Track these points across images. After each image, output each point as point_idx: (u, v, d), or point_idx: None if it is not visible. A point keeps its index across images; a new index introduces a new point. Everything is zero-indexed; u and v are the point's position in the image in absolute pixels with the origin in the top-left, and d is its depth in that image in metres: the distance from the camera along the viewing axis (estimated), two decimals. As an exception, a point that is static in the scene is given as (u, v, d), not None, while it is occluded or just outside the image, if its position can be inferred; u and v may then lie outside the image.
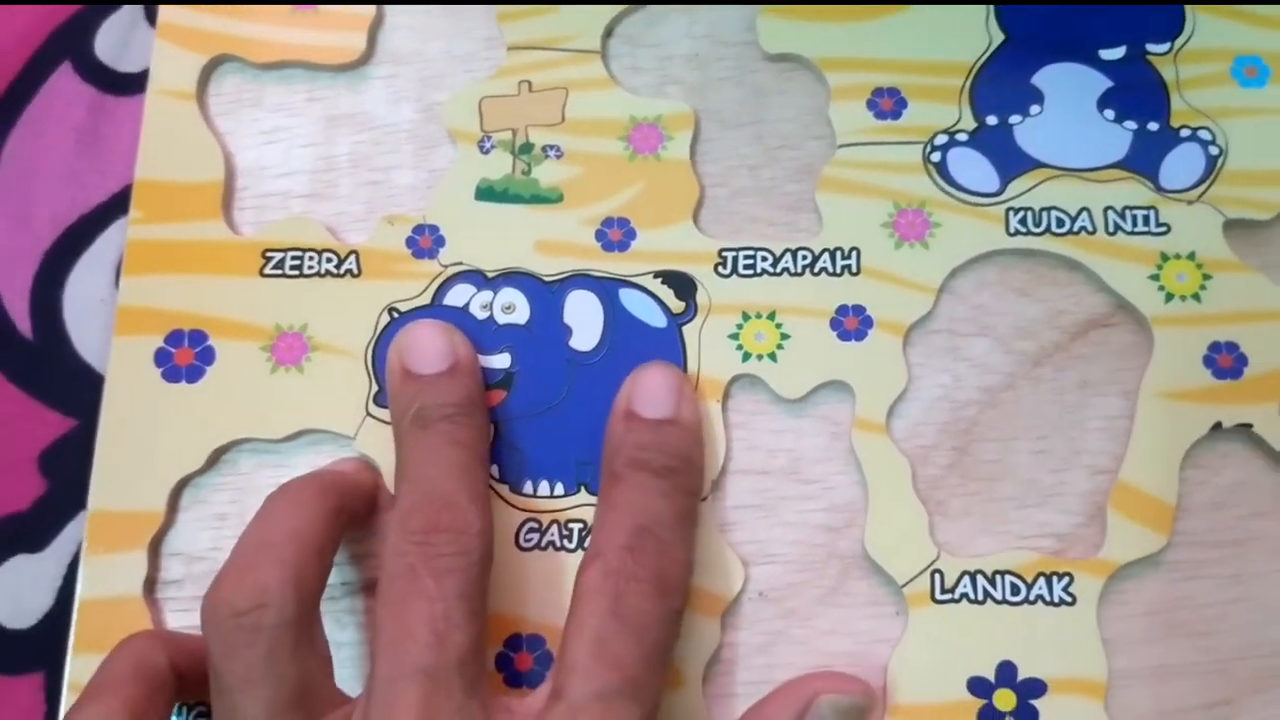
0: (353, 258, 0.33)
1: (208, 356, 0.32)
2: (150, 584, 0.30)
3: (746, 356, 0.31)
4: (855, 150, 0.33)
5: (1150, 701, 0.29)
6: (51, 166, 0.35)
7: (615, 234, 0.33)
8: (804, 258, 0.32)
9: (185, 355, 0.32)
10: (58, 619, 0.31)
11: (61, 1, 0.37)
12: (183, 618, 0.30)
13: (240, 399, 0.32)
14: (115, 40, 0.36)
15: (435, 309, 0.32)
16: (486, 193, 0.33)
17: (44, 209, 0.35)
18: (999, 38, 0.34)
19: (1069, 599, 0.29)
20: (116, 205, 0.34)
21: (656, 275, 0.32)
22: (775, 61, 0.35)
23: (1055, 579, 0.29)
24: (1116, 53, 0.33)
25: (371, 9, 0.35)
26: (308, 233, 0.33)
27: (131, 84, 0.36)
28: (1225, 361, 0.30)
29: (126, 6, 0.37)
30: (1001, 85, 0.33)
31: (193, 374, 0.32)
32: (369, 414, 0.31)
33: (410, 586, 0.26)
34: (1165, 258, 0.32)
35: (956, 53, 0.34)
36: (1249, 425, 0.30)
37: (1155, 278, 0.31)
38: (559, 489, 0.31)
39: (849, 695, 0.27)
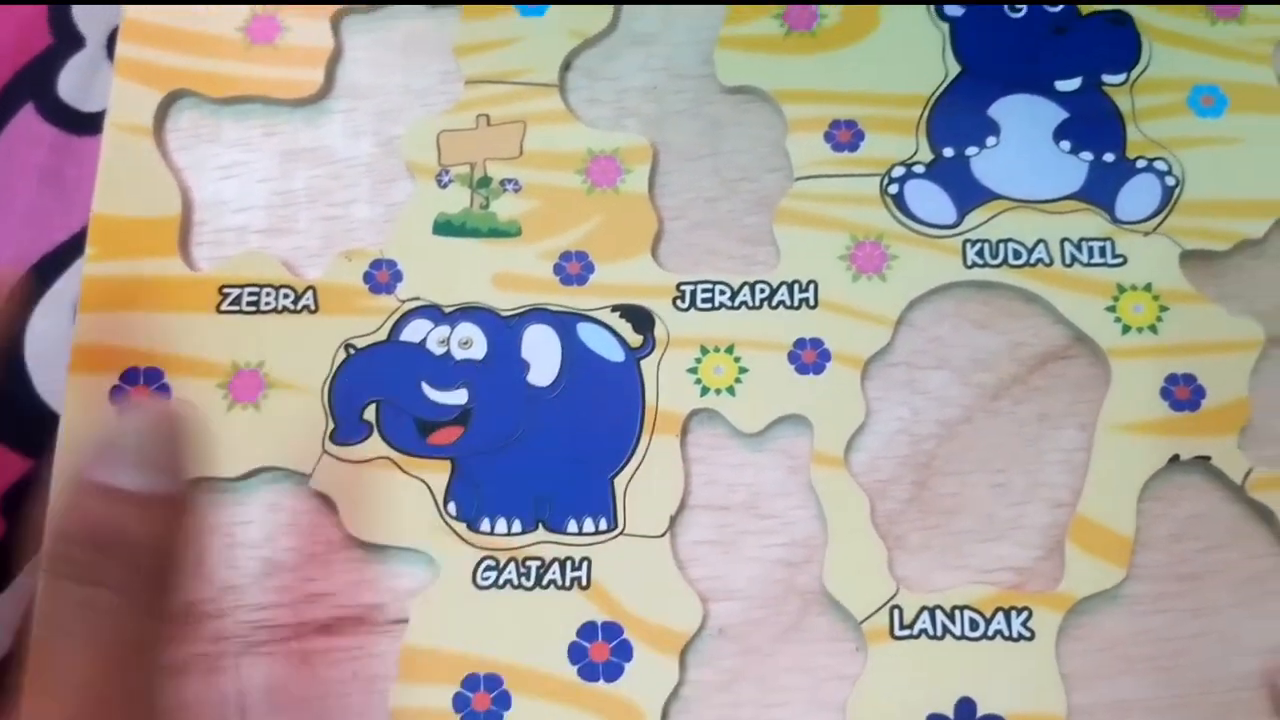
0: (310, 293, 0.33)
1: (164, 394, 0.32)
2: (105, 625, 0.30)
3: (705, 390, 0.31)
4: (813, 183, 0.33)
5: (1110, 736, 0.29)
6: (14, 206, 0.35)
7: (573, 267, 0.33)
8: (762, 291, 0.32)
9: (141, 393, 0.32)
10: (17, 661, 0.31)
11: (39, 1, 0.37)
12: (138, 659, 0.30)
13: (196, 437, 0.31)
14: (78, 80, 0.36)
15: (392, 344, 0.32)
16: (444, 227, 0.33)
17: (6, 249, 0.35)
18: (955, 69, 0.34)
19: (1028, 634, 0.29)
20: (78, 245, 0.34)
21: (614, 309, 0.32)
22: (732, 94, 0.35)
23: (1014, 614, 0.29)
24: (1072, 84, 0.34)
25: (330, 43, 0.35)
26: (264, 268, 0.33)
27: (94, 123, 0.35)
28: (1182, 393, 0.30)
29: (89, 46, 0.37)
30: (958, 117, 0.33)
31: (148, 412, 0.31)
32: (326, 452, 0.31)
33: None
34: (1122, 289, 0.32)
35: (913, 84, 0.34)
36: (1207, 458, 0.30)
37: (1112, 309, 0.31)
38: (516, 526, 0.30)
39: None
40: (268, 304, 0.33)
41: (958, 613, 0.29)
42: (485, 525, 0.30)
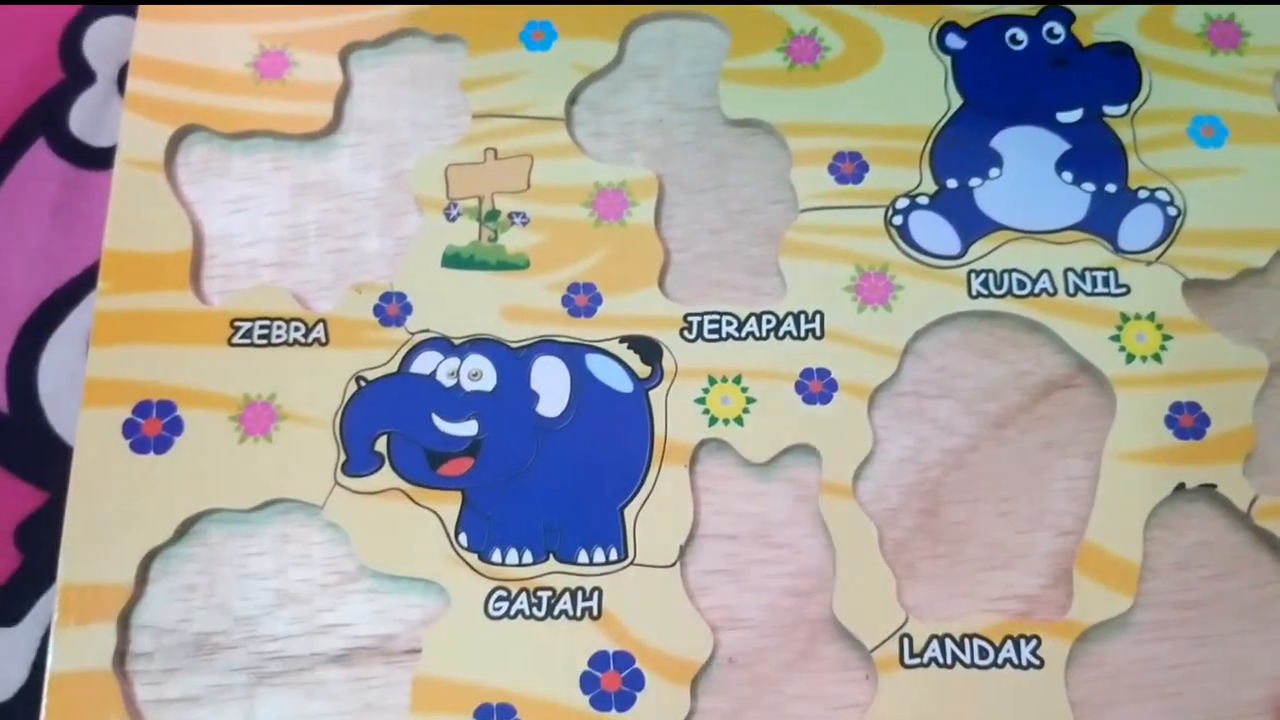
0: (320, 326, 0.33)
1: (176, 427, 0.32)
2: (121, 657, 0.30)
3: (713, 421, 0.32)
4: (817, 214, 0.33)
5: (1119, 764, 0.29)
6: (26, 242, 0.35)
7: (581, 299, 0.33)
8: (768, 321, 0.33)
9: (154, 426, 0.32)
10: (32, 693, 0.31)
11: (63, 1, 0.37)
12: (153, 690, 0.30)
13: (209, 469, 0.32)
14: (89, 116, 0.37)
15: (403, 376, 0.32)
16: (453, 260, 0.34)
17: (19, 284, 0.35)
18: (958, 101, 0.34)
19: (1037, 662, 0.29)
20: (90, 279, 0.35)
21: (622, 340, 0.33)
22: (737, 126, 0.35)
23: (1023, 641, 0.29)
24: (1074, 115, 0.34)
25: (338, 78, 0.36)
26: (276, 301, 0.33)
27: (105, 158, 0.36)
28: (1187, 421, 0.31)
29: (100, 82, 0.37)
30: (961, 149, 0.34)
31: (161, 445, 0.32)
32: (338, 483, 0.31)
33: None
34: (1125, 318, 0.32)
35: (916, 116, 0.34)
36: (1213, 485, 0.30)
37: (1116, 338, 0.32)
38: (527, 556, 0.31)
39: None
40: (279, 337, 0.33)
41: (967, 641, 0.29)
42: (496, 556, 0.31)
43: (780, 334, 0.32)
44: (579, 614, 0.30)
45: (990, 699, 0.29)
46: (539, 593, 0.30)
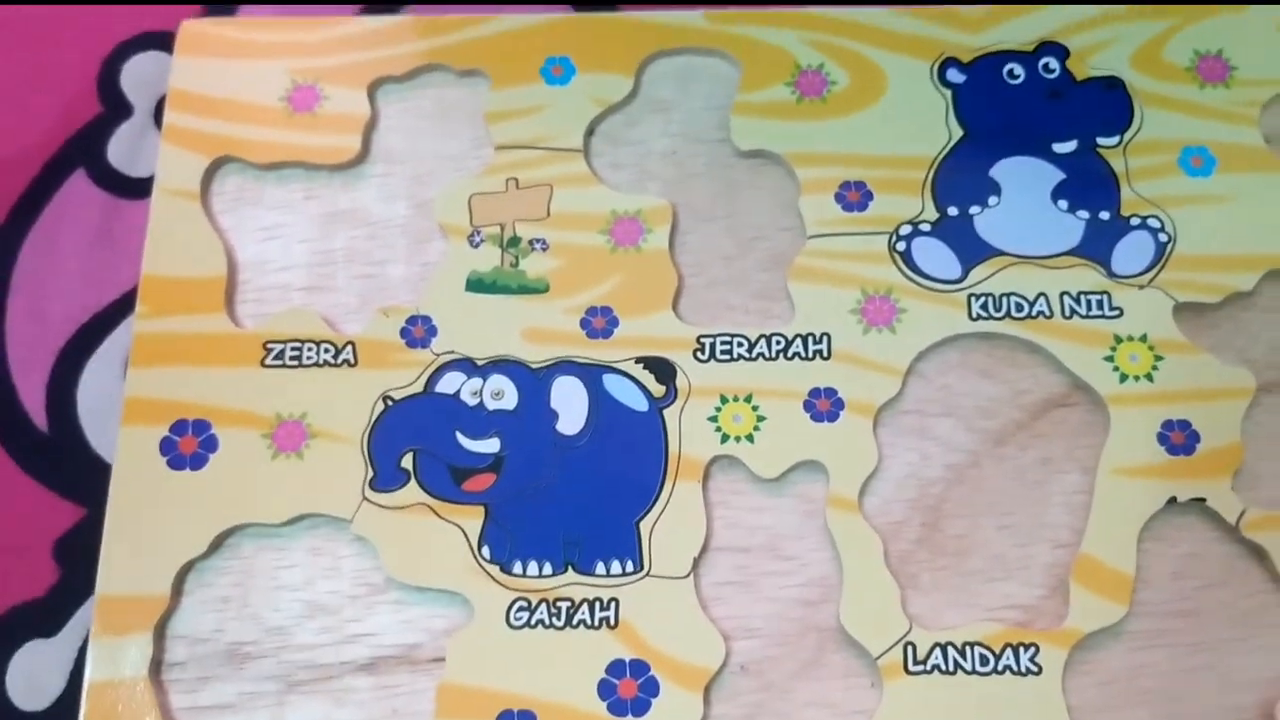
0: (349, 348, 0.34)
1: (211, 444, 0.33)
2: (156, 666, 0.32)
3: (725, 438, 0.33)
4: (824, 240, 0.35)
5: (1116, 767, 0.30)
6: (66, 267, 0.37)
7: (599, 322, 0.34)
8: (778, 343, 0.34)
9: (189, 443, 0.33)
10: (69, 701, 0.32)
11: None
12: (187, 699, 0.31)
13: (242, 485, 0.33)
14: (127, 146, 0.38)
15: (428, 396, 0.34)
16: (476, 284, 0.35)
17: (59, 308, 0.37)
18: (958, 133, 0.36)
19: (1035, 669, 0.30)
20: (128, 303, 0.36)
21: (638, 360, 0.34)
22: (747, 157, 0.37)
23: (1022, 649, 0.31)
24: (1069, 146, 0.35)
25: (367, 111, 0.37)
26: (306, 325, 0.35)
27: (142, 188, 0.37)
28: (1178, 438, 0.32)
29: (137, 115, 0.39)
30: (961, 178, 0.35)
31: (197, 461, 0.33)
32: (365, 498, 0.33)
33: None
34: (1119, 340, 0.33)
35: (919, 147, 0.36)
36: (1203, 499, 0.32)
37: (1110, 359, 0.33)
38: (547, 568, 0.32)
39: None
40: (309, 358, 0.34)
41: (968, 649, 0.31)
42: (517, 568, 0.32)
43: (789, 355, 0.34)
44: (597, 624, 0.31)
45: (991, 704, 0.30)
46: (558, 603, 0.32)
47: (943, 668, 0.31)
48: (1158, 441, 0.32)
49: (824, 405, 0.33)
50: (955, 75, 0.36)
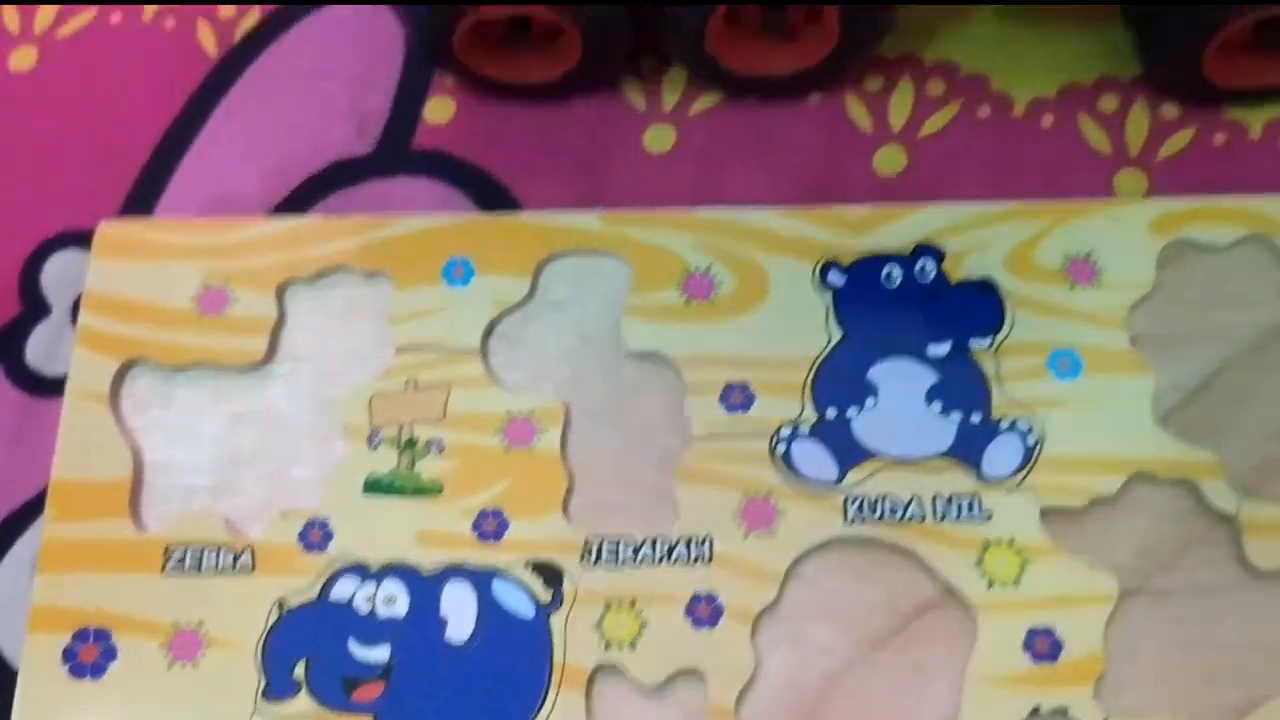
0: (248, 553, 0.36)
1: (111, 654, 0.34)
2: None
3: (608, 645, 0.34)
4: (709, 442, 0.36)
5: None
6: (-22, 468, 0.38)
7: (490, 524, 0.36)
8: (663, 546, 0.35)
9: (90, 652, 0.34)
10: None
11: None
12: None
13: (139, 696, 0.34)
14: (44, 346, 0.40)
15: (321, 603, 0.35)
16: (374, 486, 0.36)
17: (-32, 510, 0.38)
18: (838, 334, 0.37)
19: None
20: (39, 504, 0.37)
21: (527, 565, 0.35)
22: (638, 359, 0.38)
23: None
24: (943, 348, 0.37)
25: (274, 311, 0.39)
26: (208, 529, 0.36)
27: (57, 387, 0.38)
28: (1042, 646, 0.33)
29: (54, 314, 0.40)
30: (840, 380, 0.36)
31: (96, 671, 0.34)
32: (256, 709, 0.34)
33: None
34: (987, 544, 0.34)
35: (800, 349, 0.37)
36: (1065, 710, 0.32)
37: (979, 564, 0.34)
38: (434, 779, 0.33)
39: None
40: (209, 565, 0.35)
41: None
42: (405, 778, 0.33)
43: (673, 559, 0.35)
44: (484, 831, 0.32)
45: None
46: (446, 811, 0.32)
47: None
48: (1023, 649, 0.33)
49: (704, 611, 0.34)
50: (836, 278, 0.38)
